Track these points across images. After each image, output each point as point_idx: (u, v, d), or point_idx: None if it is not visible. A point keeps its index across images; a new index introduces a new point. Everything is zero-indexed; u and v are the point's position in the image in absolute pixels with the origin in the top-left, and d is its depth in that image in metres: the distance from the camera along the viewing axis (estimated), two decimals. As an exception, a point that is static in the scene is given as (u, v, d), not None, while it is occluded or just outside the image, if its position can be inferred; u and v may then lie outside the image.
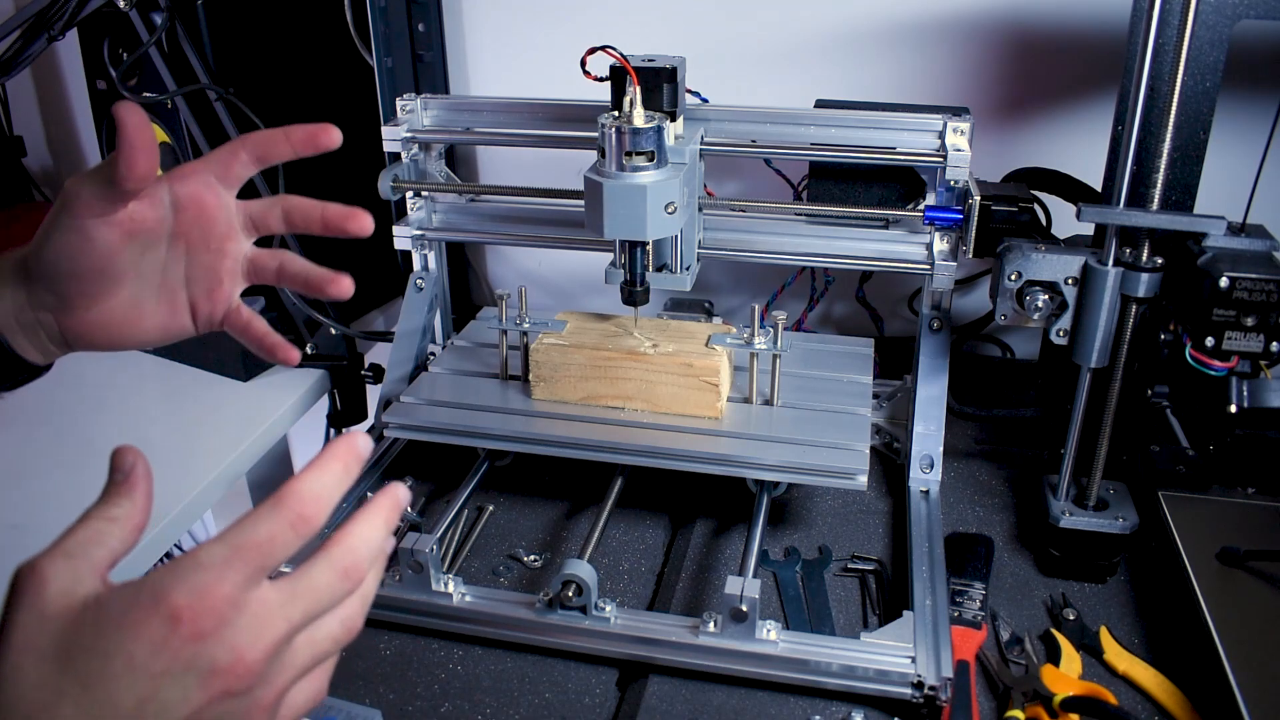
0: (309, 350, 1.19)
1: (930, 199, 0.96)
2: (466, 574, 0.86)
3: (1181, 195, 0.79)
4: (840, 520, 0.93)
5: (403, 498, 0.46)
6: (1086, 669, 0.76)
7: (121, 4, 1.02)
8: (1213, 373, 0.73)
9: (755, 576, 0.75)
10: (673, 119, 0.87)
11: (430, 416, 0.93)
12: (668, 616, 0.77)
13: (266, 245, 0.64)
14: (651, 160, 0.81)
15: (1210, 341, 0.72)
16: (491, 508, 0.96)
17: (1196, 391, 0.78)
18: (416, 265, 1.09)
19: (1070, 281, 0.79)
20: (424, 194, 1.08)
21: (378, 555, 0.45)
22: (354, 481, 0.44)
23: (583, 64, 0.83)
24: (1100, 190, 0.85)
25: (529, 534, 0.93)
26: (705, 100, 0.99)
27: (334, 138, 0.59)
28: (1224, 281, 0.70)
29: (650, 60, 0.86)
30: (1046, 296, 0.80)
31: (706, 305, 1.08)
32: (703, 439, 0.87)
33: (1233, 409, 0.74)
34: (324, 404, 1.22)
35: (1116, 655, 0.76)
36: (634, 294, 0.89)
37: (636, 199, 0.81)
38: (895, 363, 1.11)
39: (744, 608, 0.73)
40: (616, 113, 0.82)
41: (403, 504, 0.46)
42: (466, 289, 1.40)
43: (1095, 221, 0.77)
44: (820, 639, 0.75)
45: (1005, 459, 1.02)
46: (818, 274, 1.16)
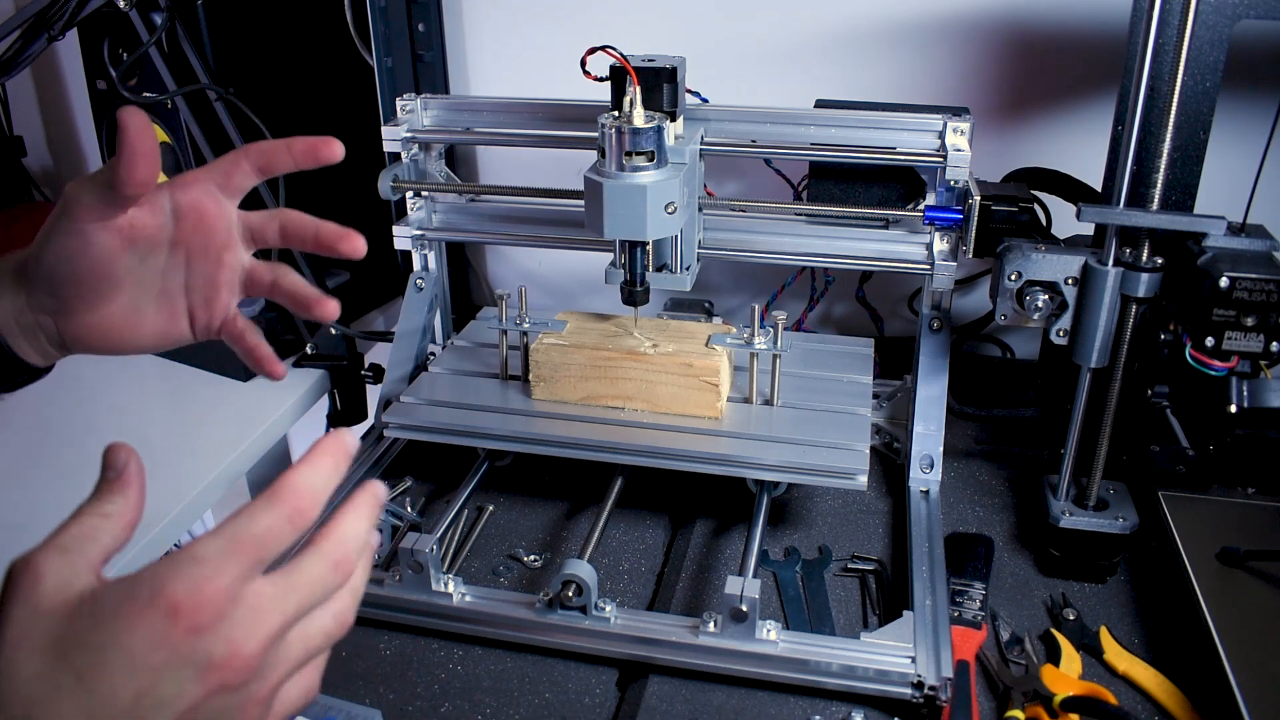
0: (309, 350, 1.19)
1: (930, 199, 0.96)
2: (466, 574, 0.86)
3: (1181, 195, 0.79)
4: (840, 520, 0.93)
5: (381, 494, 0.47)
6: (1086, 669, 0.76)
7: (121, 4, 1.02)
8: (1213, 373, 0.73)
9: (755, 576, 0.75)
10: (673, 119, 0.87)
11: (430, 416, 0.93)
12: (668, 616, 0.78)
13: (265, 257, 0.64)
14: (651, 160, 0.81)
15: (1210, 341, 0.72)
16: (491, 508, 0.96)
17: (1196, 391, 0.78)
18: (416, 265, 1.09)
19: (1070, 281, 0.79)
20: (424, 194, 1.08)
21: (365, 548, 0.46)
22: (343, 477, 0.44)
23: (583, 64, 0.83)
24: (1100, 190, 0.85)
25: (529, 534, 0.93)
26: (705, 100, 0.99)
27: (335, 151, 0.59)
28: (1224, 281, 0.70)
29: (650, 60, 0.86)
30: (1046, 296, 0.80)
31: (706, 305, 1.08)
32: (703, 439, 0.87)
33: (1233, 409, 0.74)
34: (324, 404, 1.22)
35: (1116, 655, 0.76)
36: (634, 294, 0.89)
37: (636, 199, 0.81)
38: (895, 363, 1.11)
39: (744, 608, 0.73)
40: (616, 113, 0.82)
41: (382, 499, 0.47)
42: (466, 289, 1.40)
43: (1095, 221, 0.77)
44: (820, 639, 0.75)
45: (1005, 459, 1.02)
46: (818, 274, 1.16)
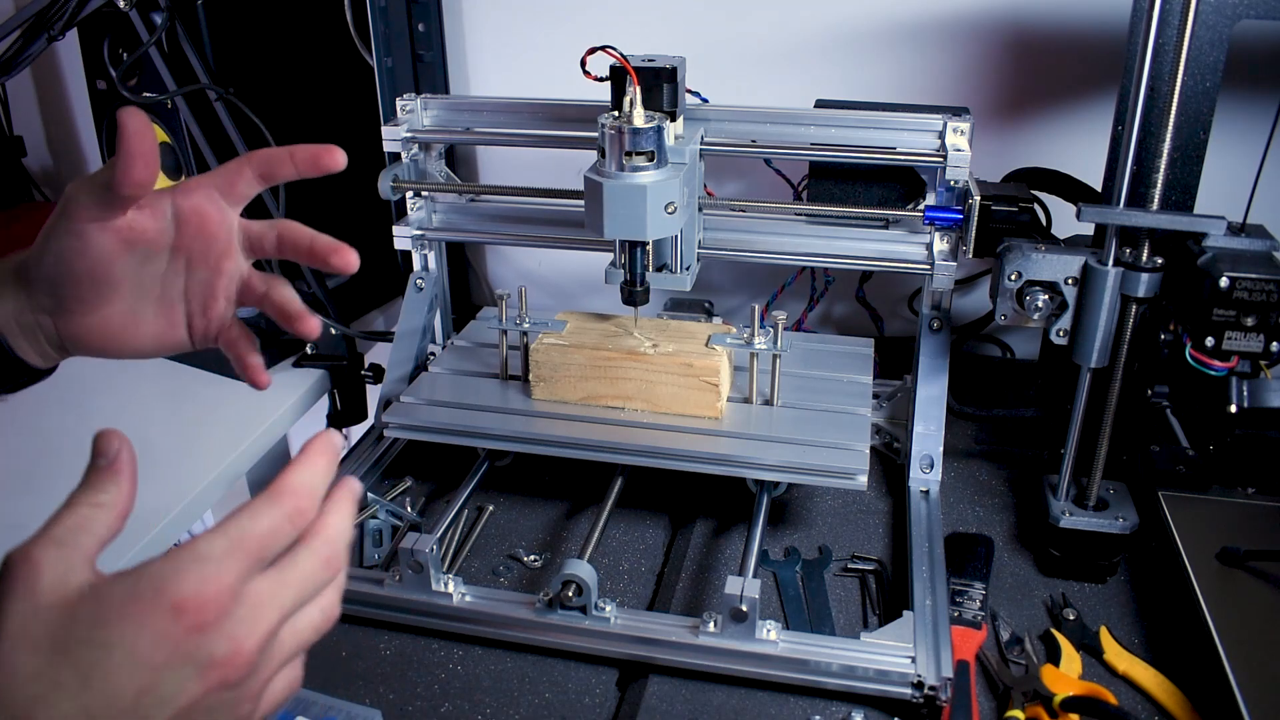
0: (309, 350, 1.19)
1: (930, 199, 0.96)
2: (466, 574, 0.86)
3: (1181, 195, 0.79)
4: (840, 520, 0.93)
5: (357, 489, 0.48)
6: (1086, 669, 0.76)
7: (121, 4, 1.02)
8: (1213, 373, 0.73)
9: (755, 576, 0.75)
10: (673, 119, 0.87)
11: (430, 416, 0.93)
12: (668, 616, 0.78)
13: (264, 267, 0.63)
14: (651, 160, 0.81)
15: (1210, 341, 0.72)
16: (491, 508, 0.96)
17: (1196, 391, 0.78)
18: (416, 265, 1.09)
19: (1070, 281, 0.79)
20: (424, 194, 1.08)
21: (348, 544, 0.47)
22: (334, 475, 0.46)
23: (583, 64, 0.83)
24: (1100, 190, 0.85)
25: (529, 534, 0.93)
26: (705, 100, 0.99)
27: (337, 159, 0.58)
28: (1224, 281, 0.70)
29: (650, 60, 0.86)
30: (1046, 296, 0.80)
31: (706, 305, 1.08)
32: (703, 439, 0.87)
33: (1233, 409, 0.74)
34: (324, 404, 1.22)
35: (1116, 655, 0.76)
36: (634, 294, 0.89)
37: (636, 199, 0.81)
38: (895, 363, 1.11)
39: (744, 608, 0.73)
40: (616, 113, 0.82)
41: (358, 495, 0.48)
42: (466, 289, 1.40)
43: (1095, 221, 0.77)
44: (820, 639, 0.75)
45: (1005, 459, 1.02)
46: (818, 274, 1.16)
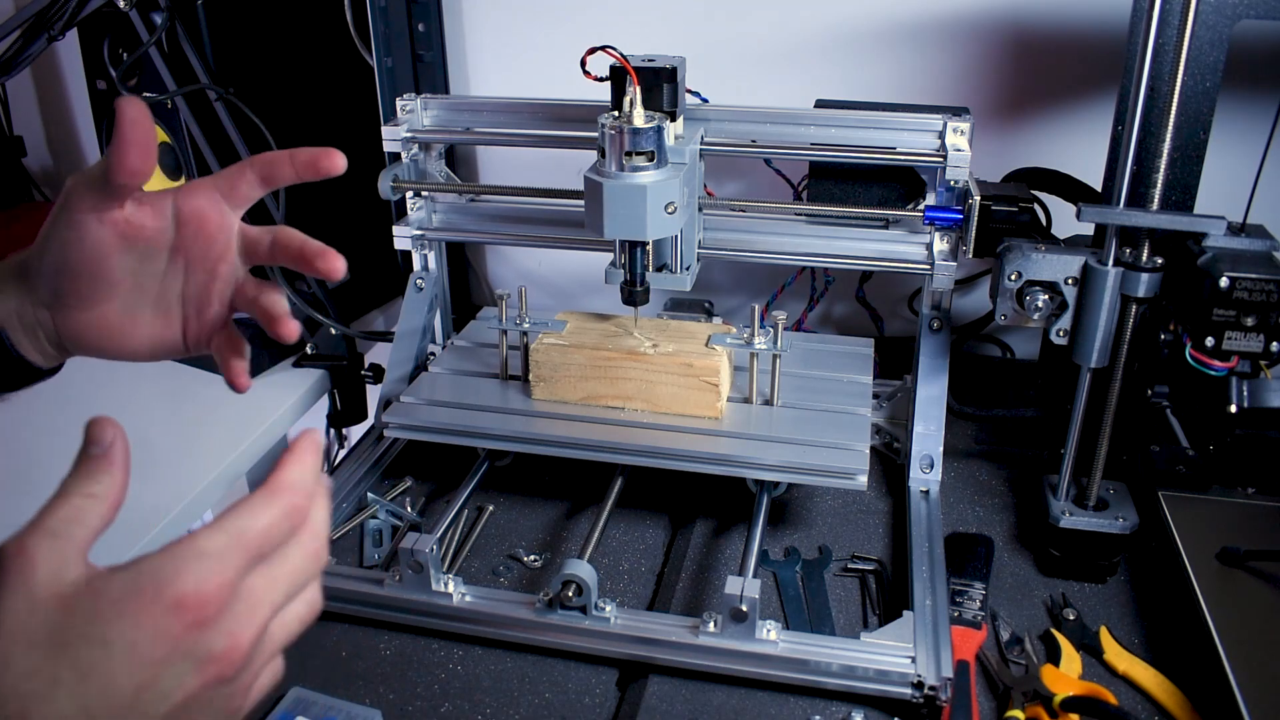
0: (309, 350, 1.19)
1: (930, 199, 0.96)
2: (466, 574, 0.86)
3: (1181, 195, 0.79)
4: (840, 520, 0.93)
5: (327, 482, 0.47)
6: (1086, 669, 0.76)
7: (121, 4, 1.02)
8: (1213, 373, 0.73)
9: (755, 576, 0.75)
10: (673, 119, 0.87)
11: (430, 416, 0.93)
12: (668, 616, 0.77)
13: (261, 273, 0.63)
14: (651, 160, 0.81)
15: (1210, 341, 0.72)
16: (491, 508, 0.96)
17: (1196, 391, 0.78)
18: (416, 265, 1.09)
19: (1070, 281, 0.79)
20: (424, 194, 1.08)
21: (329, 538, 0.47)
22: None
23: (583, 64, 0.83)
24: (1100, 190, 0.85)
25: (529, 534, 0.93)
26: (705, 100, 0.99)
27: (336, 163, 0.58)
28: (1224, 281, 0.70)
29: (650, 60, 0.86)
30: (1046, 296, 0.80)
31: (706, 305, 1.08)
32: (703, 439, 0.87)
33: (1233, 409, 0.74)
34: (324, 404, 1.22)
35: (1116, 655, 0.76)
36: (634, 294, 0.89)
37: (636, 199, 0.81)
38: (895, 363, 1.11)
39: (744, 608, 0.73)
40: (616, 113, 0.82)
41: (329, 486, 0.47)
42: (466, 289, 1.40)
43: (1095, 221, 0.77)
44: (820, 639, 0.75)
45: (1005, 459, 1.02)
46: (818, 274, 1.16)
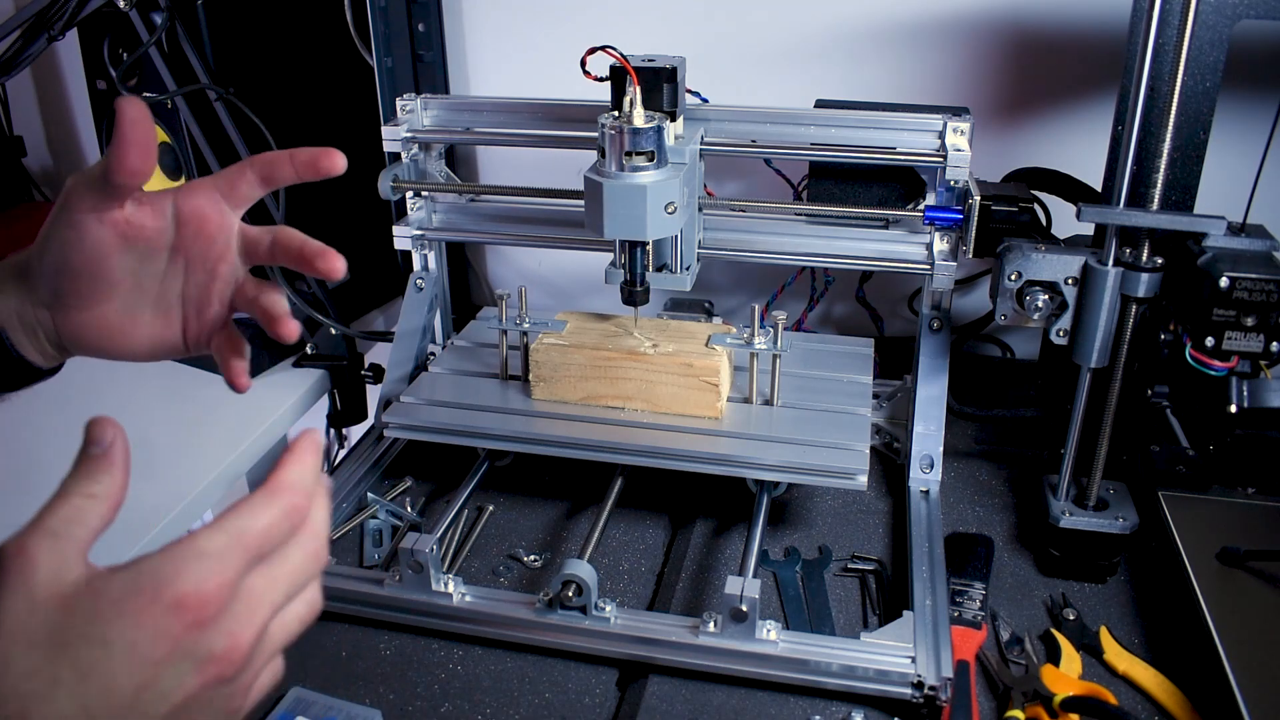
0: (309, 350, 1.19)
1: (930, 199, 0.96)
2: (466, 574, 0.86)
3: (1181, 195, 0.79)
4: (840, 520, 0.93)
5: (327, 482, 0.47)
6: (1086, 669, 0.76)
7: (121, 4, 1.02)
8: (1213, 373, 0.73)
9: (755, 576, 0.75)
10: (673, 119, 0.87)
11: (430, 416, 0.93)
12: (668, 616, 0.77)
13: (264, 274, 0.62)
14: (651, 160, 0.81)
15: (1210, 341, 0.72)
16: (491, 508, 0.96)
17: (1196, 391, 0.78)
18: (416, 265, 1.09)
19: (1070, 281, 0.79)
20: (424, 194, 1.08)
21: (329, 538, 0.47)
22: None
23: (583, 64, 0.83)
24: (1100, 190, 0.85)
25: (529, 534, 0.93)
26: (705, 100, 0.99)
27: (336, 162, 0.58)
28: (1224, 281, 0.70)
29: (650, 60, 0.86)
30: (1046, 296, 0.80)
31: (706, 305, 1.08)
32: (703, 439, 0.87)
33: (1233, 409, 0.74)
34: (324, 404, 1.22)
35: (1116, 655, 0.76)
36: (634, 294, 0.89)
37: (636, 199, 0.81)
38: (895, 363, 1.11)
39: (744, 608, 0.73)
40: (616, 113, 0.82)
41: (329, 486, 0.47)
42: (466, 289, 1.40)
43: (1095, 221, 0.77)
44: (820, 639, 0.75)
45: (1005, 459, 1.02)
46: (818, 274, 1.16)
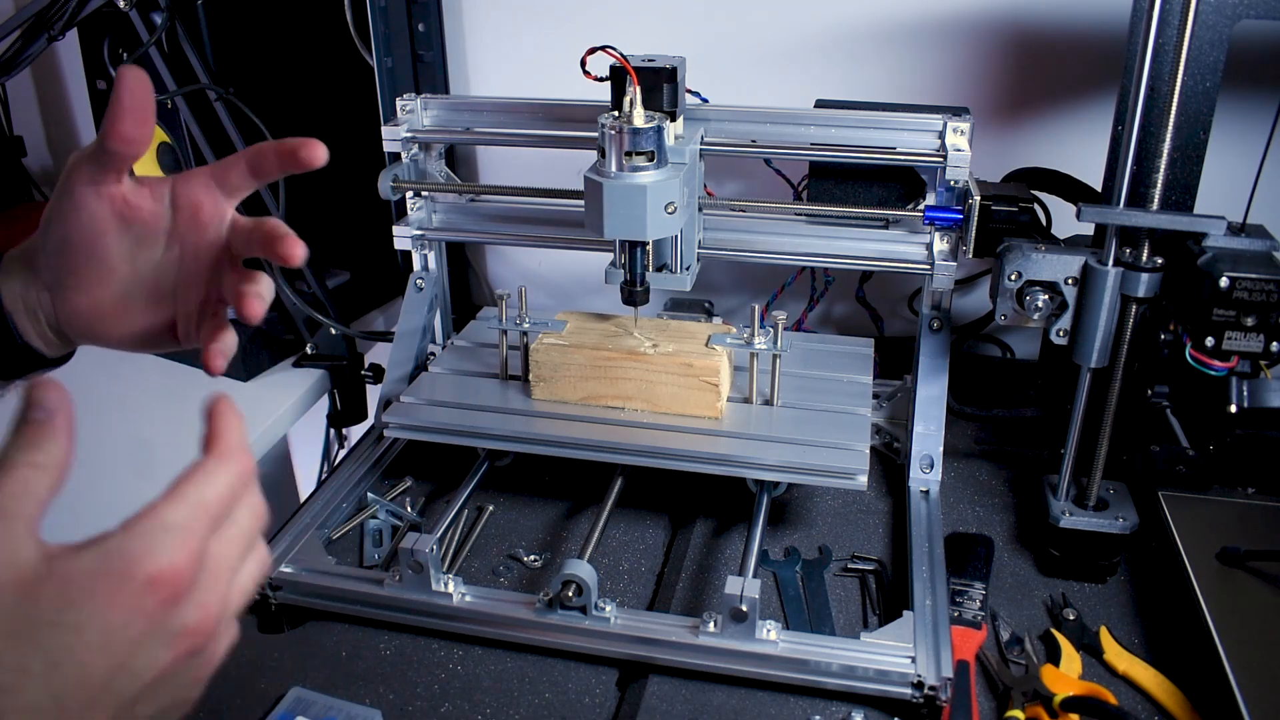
0: (309, 350, 1.19)
1: (930, 199, 0.96)
2: (466, 574, 0.86)
3: (1181, 195, 0.79)
4: (840, 520, 0.93)
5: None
6: (1086, 669, 0.76)
7: (121, 4, 1.02)
8: (1213, 373, 0.73)
9: (755, 576, 0.75)
10: (673, 119, 0.87)
11: (430, 416, 0.93)
12: (668, 616, 0.77)
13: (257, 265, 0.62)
14: (651, 160, 0.81)
15: (1210, 341, 0.72)
16: (491, 508, 0.96)
17: (1196, 391, 0.78)
18: (416, 265, 1.09)
19: (1070, 281, 0.79)
20: (424, 194, 1.08)
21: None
22: None
23: (583, 64, 0.83)
24: (1100, 190, 0.85)
25: (529, 534, 0.93)
26: (705, 100, 0.99)
27: (317, 154, 0.56)
28: (1224, 281, 0.70)
29: (650, 60, 0.86)
30: (1046, 296, 0.80)
31: (706, 305, 1.08)
32: (703, 439, 0.87)
33: (1233, 409, 0.74)
34: (324, 404, 1.22)
35: (1116, 655, 0.76)
36: (634, 294, 0.89)
37: (636, 199, 0.81)
38: (895, 363, 1.11)
39: (744, 608, 0.73)
40: (616, 113, 0.82)
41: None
42: (466, 289, 1.40)
43: (1095, 221, 0.77)
44: (820, 639, 0.75)
45: (1005, 459, 1.02)
46: (818, 274, 1.16)
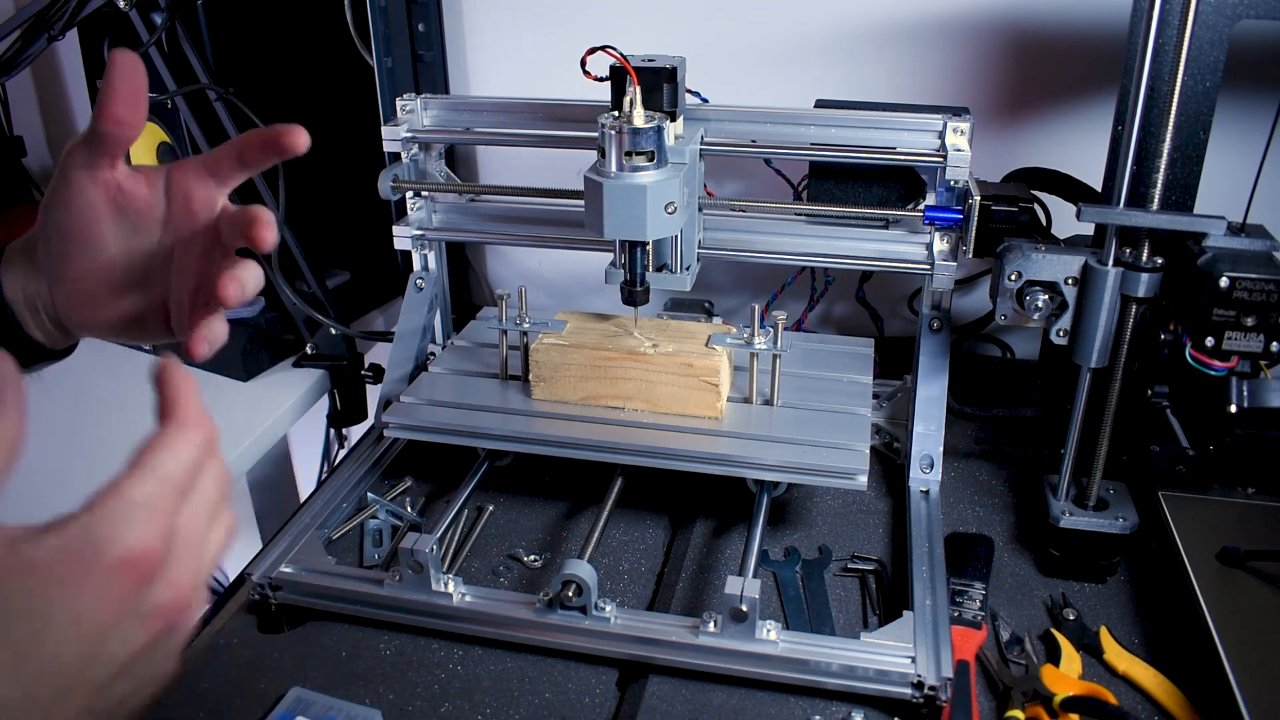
0: (309, 350, 1.19)
1: (930, 199, 0.96)
2: (466, 574, 0.86)
3: (1181, 195, 0.79)
4: (840, 520, 0.93)
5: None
6: (1086, 669, 0.76)
7: (121, 4, 1.02)
8: (1213, 373, 0.73)
9: (755, 576, 0.75)
10: (673, 119, 0.87)
11: (430, 416, 0.93)
12: (668, 616, 0.77)
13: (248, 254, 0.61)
14: (651, 160, 0.81)
15: (1210, 341, 0.72)
16: (491, 508, 0.96)
17: (1196, 391, 0.78)
18: (416, 265, 1.09)
19: (1070, 281, 0.79)
20: (424, 194, 1.08)
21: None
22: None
23: (583, 64, 0.83)
24: (1100, 190, 0.85)
25: (529, 534, 0.93)
26: (705, 100, 0.99)
27: (298, 139, 0.55)
28: (1224, 281, 0.70)
29: (650, 60, 0.86)
30: (1046, 296, 0.80)
31: (706, 305, 1.08)
32: (703, 439, 0.87)
33: (1233, 409, 0.74)
34: (324, 404, 1.22)
35: (1116, 655, 0.76)
36: (634, 294, 0.89)
37: (636, 199, 0.81)
38: (895, 363, 1.11)
39: (744, 608, 0.73)
40: (616, 113, 0.82)
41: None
42: (466, 289, 1.40)
43: (1095, 221, 0.77)
44: (820, 639, 0.75)
45: (1005, 459, 1.02)
46: (818, 274, 1.16)
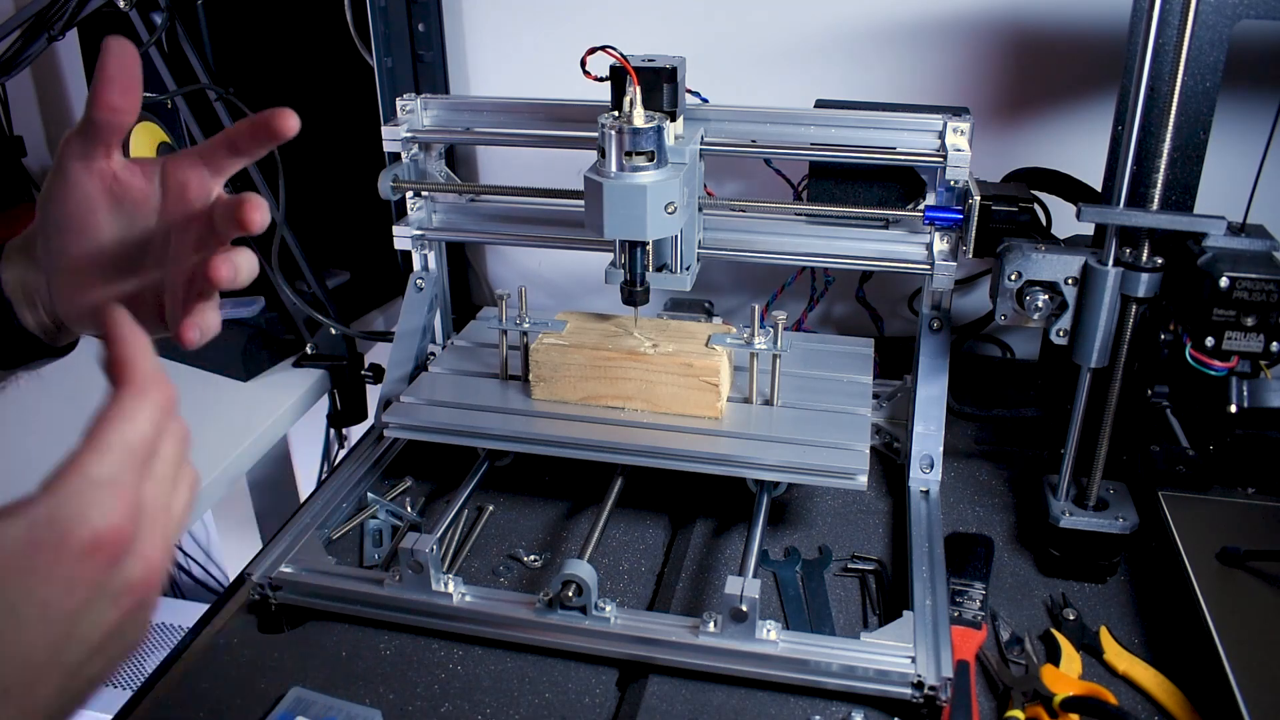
0: (309, 350, 1.19)
1: (930, 199, 0.96)
2: (466, 574, 0.86)
3: (1181, 195, 0.79)
4: (840, 520, 0.93)
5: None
6: (1086, 669, 0.76)
7: (121, 4, 1.02)
8: (1213, 373, 0.73)
9: (755, 576, 0.75)
10: (673, 119, 0.87)
11: (430, 416, 0.93)
12: (668, 616, 0.77)
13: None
14: (651, 160, 0.81)
15: (1210, 341, 0.72)
16: (491, 508, 0.96)
17: (1196, 391, 0.78)
18: (416, 265, 1.09)
19: (1070, 281, 0.79)
20: (424, 194, 1.08)
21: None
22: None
23: (583, 64, 0.83)
24: (1100, 190, 0.85)
25: (529, 534, 0.93)
26: (705, 100, 0.99)
27: (288, 122, 0.54)
28: (1224, 281, 0.70)
29: (650, 60, 0.86)
30: (1046, 296, 0.80)
31: (706, 305, 1.08)
32: (703, 439, 0.87)
33: (1233, 409, 0.74)
34: (324, 404, 1.22)
35: (1116, 655, 0.76)
36: (634, 294, 0.89)
37: (636, 199, 0.81)
38: (895, 363, 1.11)
39: (744, 608, 0.73)
40: (616, 113, 0.82)
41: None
42: (466, 289, 1.40)
43: (1095, 221, 0.77)
44: (820, 639, 0.75)
45: (1005, 459, 1.02)
46: (818, 274, 1.16)
